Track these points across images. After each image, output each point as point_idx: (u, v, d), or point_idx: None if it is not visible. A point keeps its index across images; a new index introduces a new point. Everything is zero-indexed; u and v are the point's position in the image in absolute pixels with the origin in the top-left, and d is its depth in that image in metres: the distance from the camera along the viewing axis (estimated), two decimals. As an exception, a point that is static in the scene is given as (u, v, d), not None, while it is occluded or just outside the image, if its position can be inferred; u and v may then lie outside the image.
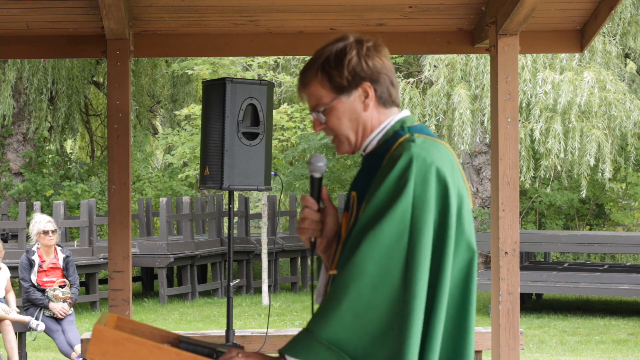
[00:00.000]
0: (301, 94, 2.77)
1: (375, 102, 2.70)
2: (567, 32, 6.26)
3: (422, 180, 2.54)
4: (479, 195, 18.01)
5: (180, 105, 21.90)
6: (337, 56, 2.68)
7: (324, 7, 5.90)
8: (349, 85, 2.67)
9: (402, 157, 2.57)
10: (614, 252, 16.48)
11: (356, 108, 2.69)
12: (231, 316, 6.56)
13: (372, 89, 2.68)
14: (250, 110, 6.42)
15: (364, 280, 2.50)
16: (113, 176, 5.78)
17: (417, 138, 2.63)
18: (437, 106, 14.93)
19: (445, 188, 2.56)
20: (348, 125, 2.70)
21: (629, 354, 11.32)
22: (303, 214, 2.78)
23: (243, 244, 17.21)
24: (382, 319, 2.49)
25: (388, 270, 2.50)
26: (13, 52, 6.39)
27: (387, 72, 2.70)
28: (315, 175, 2.79)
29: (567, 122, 14.03)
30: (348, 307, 2.49)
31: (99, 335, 2.62)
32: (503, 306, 5.72)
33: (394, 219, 2.52)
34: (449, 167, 2.60)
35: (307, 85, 2.73)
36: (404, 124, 2.71)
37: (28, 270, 9.63)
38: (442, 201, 2.56)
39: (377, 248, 2.51)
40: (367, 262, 2.51)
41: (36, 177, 21.48)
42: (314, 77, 2.70)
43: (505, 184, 5.72)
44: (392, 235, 2.52)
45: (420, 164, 2.55)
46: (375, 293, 2.49)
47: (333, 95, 2.69)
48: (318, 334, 2.50)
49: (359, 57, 2.67)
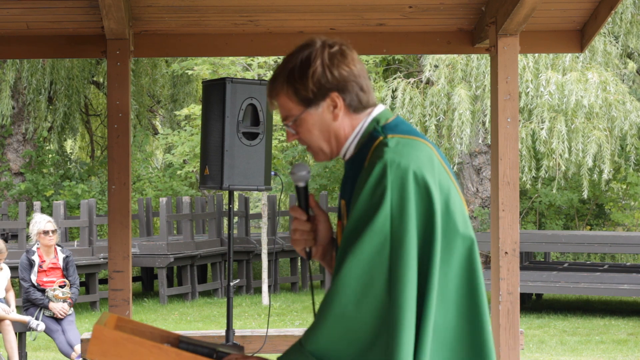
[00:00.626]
0: (271, 102, 2.71)
1: (344, 111, 2.63)
2: (567, 32, 6.26)
3: (399, 188, 2.49)
4: (479, 195, 18.01)
5: (181, 106, 21.90)
6: (301, 67, 2.61)
7: (324, 7, 5.90)
8: (315, 97, 2.61)
9: (377, 165, 2.51)
10: (614, 252, 16.49)
11: (326, 119, 2.63)
12: (231, 316, 6.56)
13: (340, 98, 2.61)
14: (250, 110, 6.42)
15: (347, 295, 2.48)
16: (113, 176, 5.78)
17: (390, 140, 2.56)
18: (438, 106, 14.93)
19: (425, 189, 2.51)
20: (319, 136, 2.65)
21: (629, 354, 11.31)
22: (293, 225, 2.76)
23: (243, 244, 17.20)
24: (369, 331, 2.48)
25: (371, 283, 2.48)
26: (13, 52, 6.39)
27: (355, 79, 2.62)
28: (300, 185, 2.75)
29: (570, 122, 14.03)
30: (333, 322, 2.49)
31: (99, 335, 2.62)
32: (503, 306, 5.72)
33: (373, 231, 2.49)
34: (428, 165, 2.54)
35: (275, 96, 2.67)
36: (378, 123, 2.64)
37: (28, 270, 9.63)
38: (424, 204, 2.51)
39: (359, 263, 2.49)
40: (350, 277, 2.49)
41: (37, 177, 21.48)
42: (281, 90, 2.64)
43: (505, 184, 5.72)
44: (373, 247, 2.48)
45: (395, 170, 2.50)
46: (359, 307, 2.48)
47: (301, 108, 2.63)
48: (307, 347, 2.51)
49: (324, 67, 2.60)
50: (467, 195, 18.02)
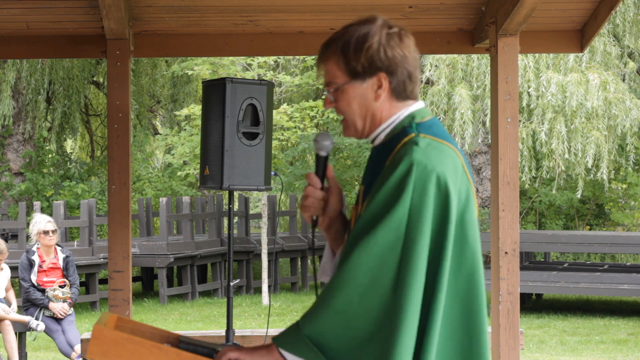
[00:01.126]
0: (319, 66, 2.73)
1: (387, 94, 2.65)
2: (567, 32, 6.26)
3: (420, 189, 2.49)
4: (479, 196, 18.01)
5: (180, 106, 21.90)
6: (357, 40, 2.64)
7: (324, 7, 5.90)
8: (363, 72, 2.63)
9: (403, 163, 2.52)
10: (614, 252, 16.48)
11: (368, 96, 2.64)
12: (231, 316, 6.56)
13: (387, 80, 2.63)
14: (250, 110, 6.42)
15: (354, 286, 2.49)
16: (113, 176, 5.78)
17: (421, 140, 2.56)
18: (438, 106, 14.92)
19: (445, 196, 2.51)
20: (356, 111, 2.66)
21: (629, 354, 11.31)
22: (306, 191, 2.75)
23: (243, 244, 17.20)
24: (370, 325, 2.48)
25: (379, 279, 2.48)
26: (13, 52, 6.39)
27: (406, 65, 2.64)
28: (321, 154, 2.78)
29: (569, 123, 14.03)
30: (336, 311, 2.49)
31: (99, 335, 2.62)
32: (503, 306, 5.72)
33: (389, 228, 2.49)
34: (452, 172, 2.54)
35: (324, 60, 2.69)
36: (414, 120, 2.64)
37: (28, 270, 9.63)
38: (442, 210, 2.51)
39: (370, 256, 2.49)
40: (358, 269, 2.49)
41: (37, 177, 21.48)
42: (332, 56, 2.66)
43: (505, 184, 5.72)
44: (386, 243, 2.49)
45: (421, 172, 2.50)
46: (364, 300, 2.48)
47: (347, 79, 2.65)
48: (304, 330, 2.52)
49: (379, 45, 2.63)
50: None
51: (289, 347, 2.53)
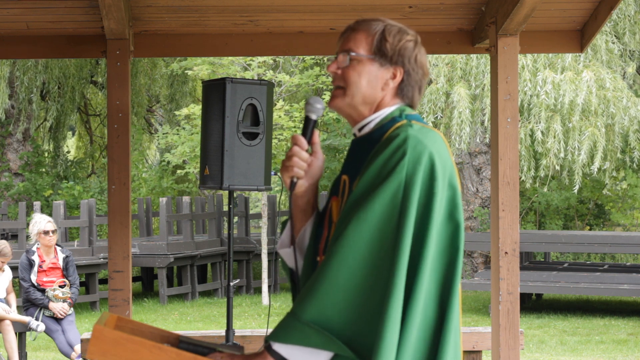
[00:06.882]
0: (344, 34, 2.77)
1: (394, 89, 2.72)
2: (567, 32, 6.26)
3: (415, 159, 2.55)
4: (479, 195, 18.01)
5: (179, 105, 21.89)
6: (401, 31, 2.73)
7: (324, 7, 5.90)
8: (388, 57, 2.70)
9: (399, 136, 2.59)
10: (614, 252, 16.48)
11: (379, 80, 2.71)
12: (231, 316, 6.56)
13: (402, 76, 2.71)
14: (250, 110, 6.42)
15: (356, 260, 2.49)
16: (113, 176, 5.78)
17: (414, 124, 2.65)
18: (436, 104, 14.92)
19: (433, 172, 2.56)
20: (363, 86, 2.71)
21: (629, 354, 11.32)
22: (291, 151, 2.73)
23: (243, 244, 17.20)
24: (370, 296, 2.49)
25: (381, 249, 2.50)
26: (13, 52, 6.39)
27: (422, 76, 2.76)
28: (312, 117, 2.77)
29: (566, 121, 14.02)
30: (335, 285, 2.48)
31: (99, 335, 2.62)
32: (503, 306, 5.72)
33: (385, 196, 2.53)
34: (443, 153, 2.62)
35: (357, 30, 2.75)
36: (403, 112, 2.72)
37: (28, 270, 9.63)
38: (430, 185, 2.55)
39: (368, 227, 2.51)
40: (356, 241, 2.50)
41: (36, 177, 21.48)
42: (369, 29, 2.73)
43: (505, 184, 5.72)
44: (384, 213, 2.52)
45: (416, 144, 2.57)
46: (368, 273, 2.49)
47: (369, 54, 2.71)
48: (304, 317, 2.50)
49: (414, 48, 2.73)
50: (467, 195, 18.03)
51: (290, 339, 2.50)
